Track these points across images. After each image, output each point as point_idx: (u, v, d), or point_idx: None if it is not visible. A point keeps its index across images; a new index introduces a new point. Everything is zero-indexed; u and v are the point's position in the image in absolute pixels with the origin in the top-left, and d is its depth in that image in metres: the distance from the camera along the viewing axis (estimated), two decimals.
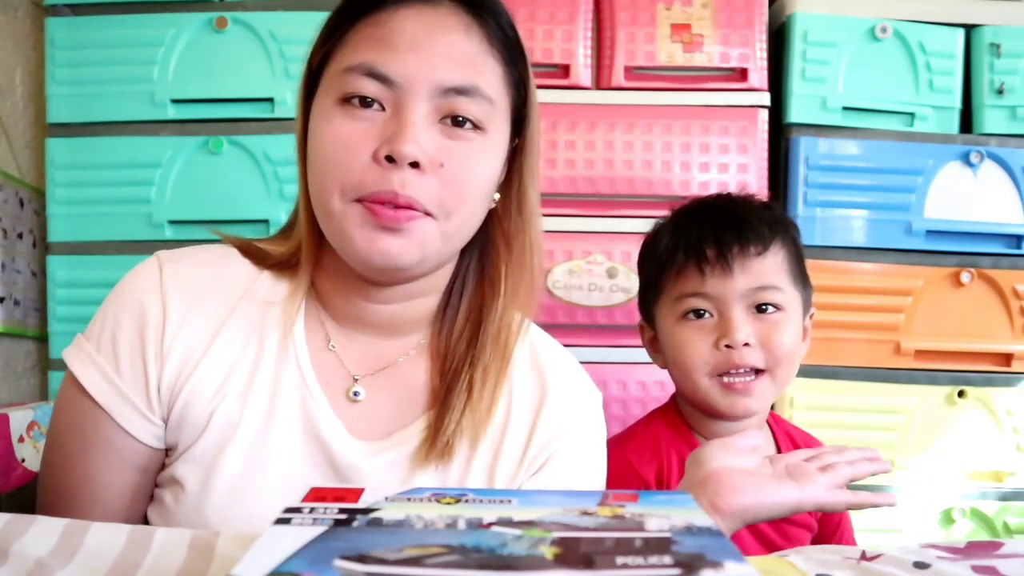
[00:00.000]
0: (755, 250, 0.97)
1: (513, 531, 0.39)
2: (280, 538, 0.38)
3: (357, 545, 0.37)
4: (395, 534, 0.39)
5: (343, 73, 0.68)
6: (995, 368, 1.60)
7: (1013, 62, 1.60)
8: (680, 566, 0.34)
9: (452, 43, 0.68)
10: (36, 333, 1.62)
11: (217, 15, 1.52)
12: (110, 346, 0.73)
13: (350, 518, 0.41)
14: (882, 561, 0.49)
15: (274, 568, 0.34)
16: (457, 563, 0.34)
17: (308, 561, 0.35)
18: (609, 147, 1.54)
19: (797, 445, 1.09)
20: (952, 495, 1.58)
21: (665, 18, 1.57)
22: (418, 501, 0.44)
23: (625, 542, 0.37)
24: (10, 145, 1.58)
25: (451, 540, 0.37)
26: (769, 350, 0.97)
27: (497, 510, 0.42)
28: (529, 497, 0.45)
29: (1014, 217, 1.60)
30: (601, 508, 0.43)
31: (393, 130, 0.66)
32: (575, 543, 0.37)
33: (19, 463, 1.32)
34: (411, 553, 0.36)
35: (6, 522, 0.48)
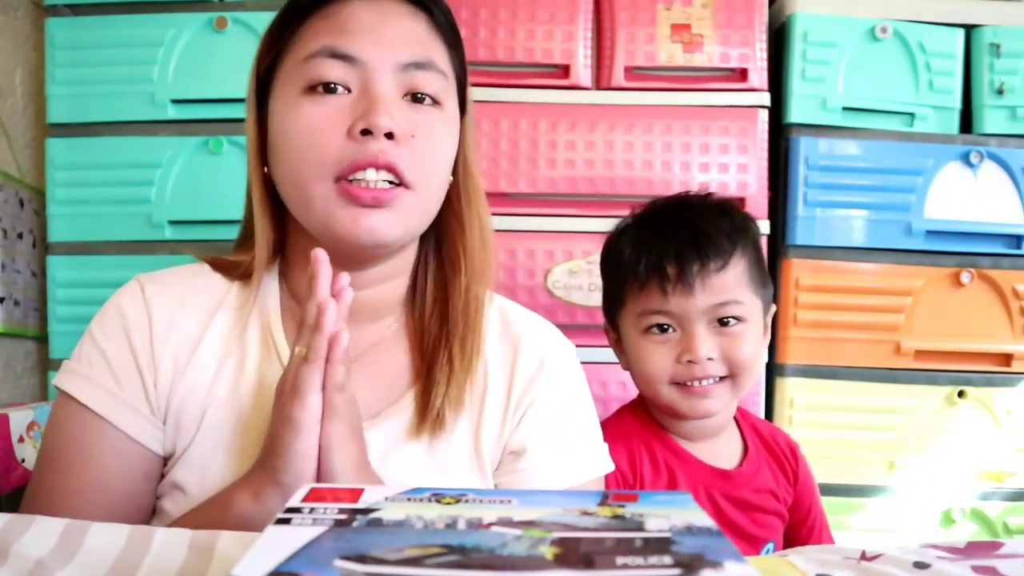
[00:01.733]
0: (715, 266, 0.98)
1: (513, 531, 0.38)
2: (280, 538, 0.38)
3: (357, 545, 0.37)
4: (395, 534, 0.39)
5: (304, 61, 0.70)
6: (995, 368, 1.60)
7: (1013, 62, 1.60)
8: (680, 566, 0.34)
9: (403, 26, 0.72)
10: (36, 333, 1.62)
11: (217, 15, 1.52)
12: (102, 362, 0.74)
13: (350, 518, 0.41)
14: (882, 561, 0.49)
15: (274, 568, 0.33)
16: (457, 563, 0.34)
17: (308, 561, 0.35)
18: (609, 147, 1.54)
19: (763, 438, 1.10)
20: (952, 495, 1.58)
21: (665, 18, 1.57)
22: (418, 501, 0.44)
23: (625, 542, 0.37)
24: (10, 145, 1.58)
25: (451, 540, 0.37)
26: (731, 361, 0.99)
27: (497, 510, 0.42)
28: (529, 497, 0.44)
29: (1014, 217, 1.60)
30: (601, 508, 0.43)
31: (364, 106, 0.69)
32: (575, 543, 0.37)
33: (19, 463, 1.32)
34: (411, 553, 0.36)
35: (6, 522, 0.48)
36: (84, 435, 0.72)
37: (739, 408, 1.12)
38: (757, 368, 1.04)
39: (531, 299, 1.51)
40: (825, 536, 1.10)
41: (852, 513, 1.55)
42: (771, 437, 1.12)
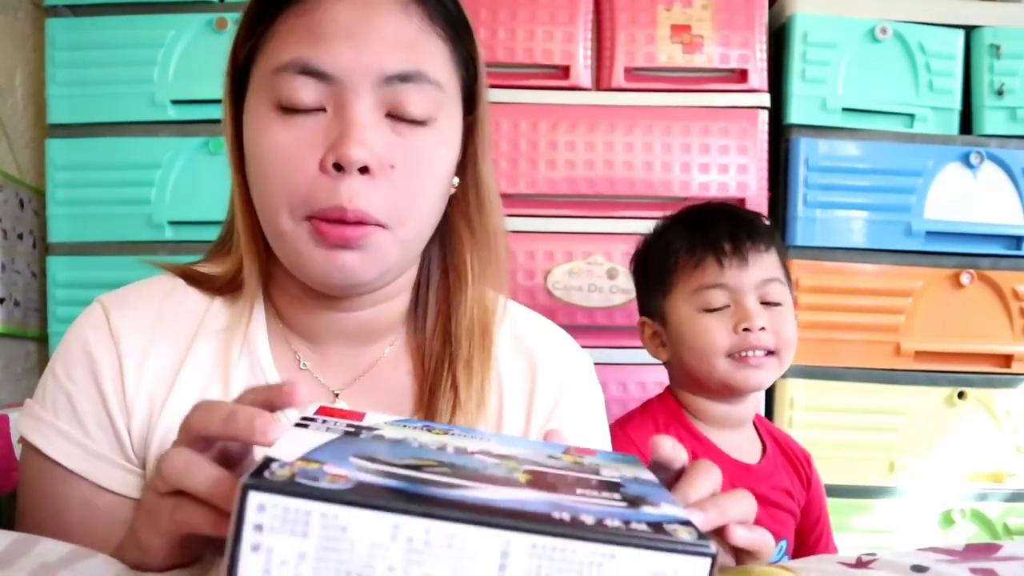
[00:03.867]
0: (763, 245, 1.08)
1: (493, 460, 0.44)
2: (301, 436, 0.42)
3: (367, 451, 0.41)
4: (397, 447, 0.44)
5: (274, 74, 0.62)
6: (995, 369, 1.60)
7: (1013, 63, 1.60)
8: (626, 501, 0.40)
9: (390, 26, 0.62)
10: (36, 334, 1.62)
11: (217, 16, 1.52)
12: (68, 407, 0.67)
13: (357, 431, 0.45)
14: (878, 565, 0.49)
15: (303, 455, 0.38)
16: (450, 474, 0.40)
17: (329, 455, 0.39)
18: (609, 148, 1.54)
19: (779, 443, 1.13)
20: (952, 496, 1.58)
21: (665, 19, 1.57)
22: (413, 428, 0.49)
23: (583, 480, 0.43)
24: (10, 146, 1.58)
25: (443, 459, 0.43)
26: (779, 335, 1.07)
27: (479, 444, 0.48)
28: (504, 440, 0.51)
29: (1014, 218, 1.60)
30: (565, 455, 0.49)
31: (337, 133, 0.60)
32: (543, 475, 0.43)
33: (19, 464, 1.32)
34: (412, 462, 0.41)
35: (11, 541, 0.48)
36: (56, 492, 0.66)
37: (756, 415, 1.17)
38: (793, 351, 1.11)
39: (531, 300, 1.51)
40: (831, 548, 1.13)
41: (852, 514, 1.55)
42: (786, 443, 1.16)
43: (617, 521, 0.36)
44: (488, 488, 0.38)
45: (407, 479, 0.37)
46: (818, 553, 1.10)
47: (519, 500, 0.37)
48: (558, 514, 0.36)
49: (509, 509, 0.36)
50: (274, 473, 0.35)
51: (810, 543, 1.12)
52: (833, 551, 1.13)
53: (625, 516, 0.37)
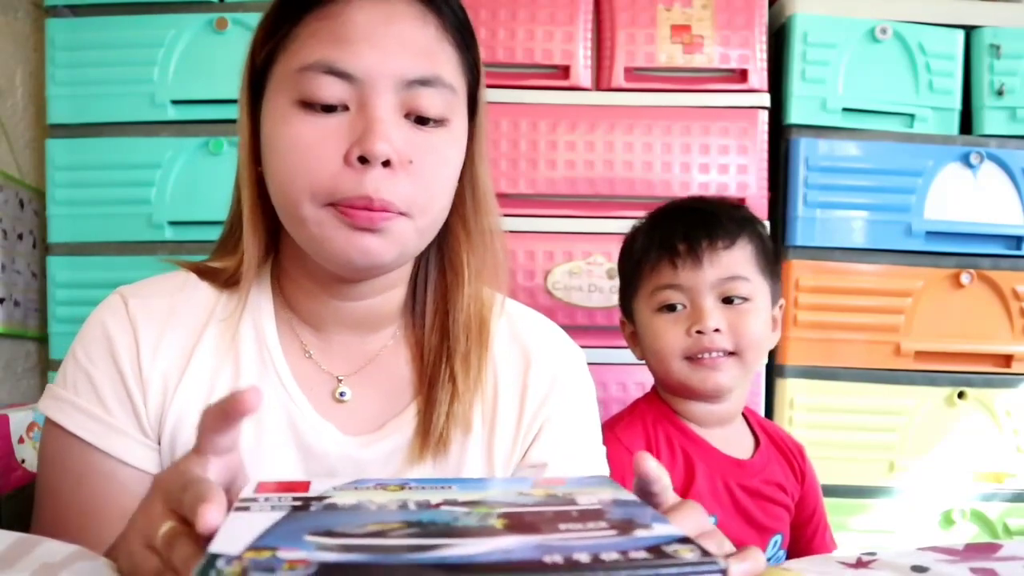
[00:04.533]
0: (723, 244, 1.04)
1: (461, 509, 0.41)
2: (245, 522, 0.38)
3: (321, 524, 0.38)
4: (353, 515, 0.40)
5: (299, 73, 0.65)
6: (995, 369, 1.60)
7: (1013, 63, 1.60)
8: (615, 528, 0.38)
9: (409, 33, 0.66)
10: (36, 334, 1.62)
11: (217, 16, 1.52)
12: (88, 386, 0.71)
13: (305, 504, 0.42)
14: (878, 565, 0.49)
15: (251, 542, 0.35)
16: (419, 534, 0.36)
17: (280, 538, 0.36)
18: (609, 148, 1.54)
19: (772, 436, 1.13)
20: (952, 496, 1.58)
21: (665, 19, 1.57)
22: (366, 489, 0.45)
23: (563, 513, 0.40)
24: (10, 146, 1.58)
25: (408, 518, 0.39)
26: (738, 335, 1.03)
27: (441, 494, 0.44)
28: (468, 484, 0.47)
29: (1014, 218, 1.60)
30: (535, 490, 0.45)
31: (362, 129, 0.64)
32: (519, 516, 0.40)
33: (19, 464, 1.32)
34: (375, 528, 0.37)
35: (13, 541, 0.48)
36: (76, 465, 0.70)
37: (747, 409, 1.16)
38: (763, 349, 1.07)
39: (531, 300, 1.51)
40: (828, 540, 1.12)
41: (852, 514, 1.55)
42: (779, 437, 1.15)
43: (614, 553, 0.34)
44: (465, 542, 0.35)
45: (374, 549, 0.34)
46: (815, 546, 1.10)
47: (503, 550, 0.34)
48: (549, 558, 0.33)
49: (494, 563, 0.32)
50: (221, 574, 0.31)
51: (807, 536, 1.11)
52: (831, 544, 1.13)
53: (620, 546, 0.35)
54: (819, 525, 1.12)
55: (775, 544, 1.05)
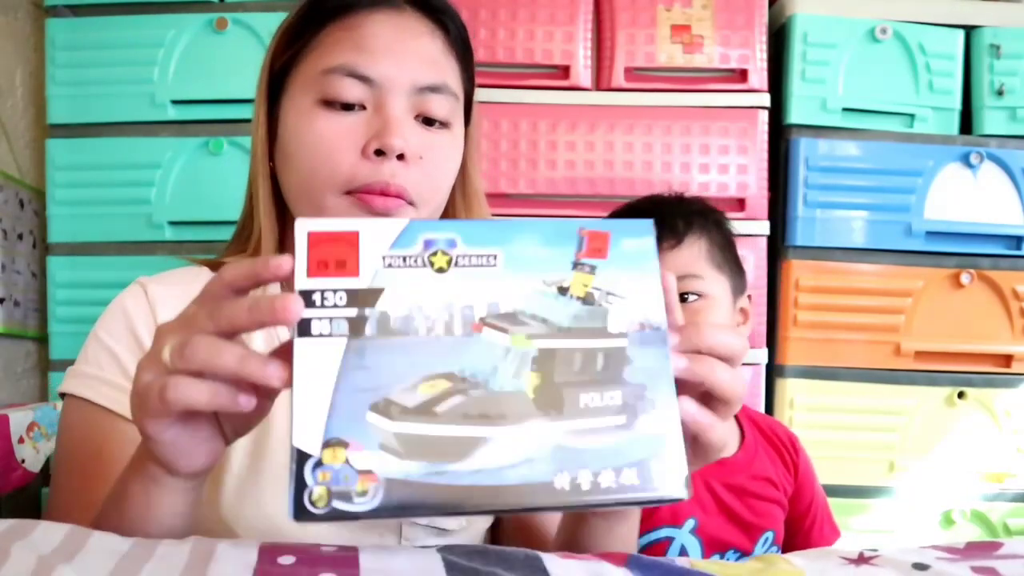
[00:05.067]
0: (668, 244, 1.02)
1: (501, 341, 0.45)
2: (311, 369, 0.43)
3: (376, 379, 0.43)
4: (405, 352, 0.44)
5: (322, 75, 0.71)
6: (995, 369, 1.60)
7: (1013, 63, 1.60)
8: (624, 411, 0.45)
9: (421, 45, 0.74)
10: (36, 334, 1.62)
11: (217, 16, 1.52)
12: (111, 360, 0.73)
13: (359, 317, 0.44)
14: (880, 562, 0.49)
15: (326, 437, 0.42)
16: (461, 412, 0.43)
17: (346, 422, 0.42)
18: (609, 148, 1.54)
19: (762, 430, 1.11)
20: (952, 496, 1.58)
21: (665, 19, 1.57)
22: (415, 267, 0.46)
23: (589, 359, 0.45)
24: (10, 146, 1.58)
25: (451, 363, 0.44)
26: None
27: (486, 287, 0.46)
28: (513, 249, 0.47)
29: (1014, 218, 1.60)
30: (576, 276, 0.47)
31: (379, 126, 0.70)
32: (550, 364, 0.45)
33: (19, 464, 1.32)
34: (424, 394, 0.43)
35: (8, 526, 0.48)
36: (99, 434, 0.71)
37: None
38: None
39: None
40: (827, 530, 1.10)
41: (852, 514, 1.55)
42: (770, 429, 1.12)
43: (610, 475, 0.43)
44: (498, 438, 0.43)
45: (427, 452, 0.42)
46: (813, 537, 1.09)
47: (527, 459, 0.43)
48: (559, 481, 0.43)
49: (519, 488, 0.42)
50: (313, 500, 0.41)
51: (805, 529, 1.09)
52: (831, 535, 1.11)
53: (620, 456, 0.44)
54: (817, 516, 1.10)
55: (766, 541, 1.04)
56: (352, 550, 0.46)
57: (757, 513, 1.03)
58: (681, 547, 0.97)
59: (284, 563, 0.44)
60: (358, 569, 0.44)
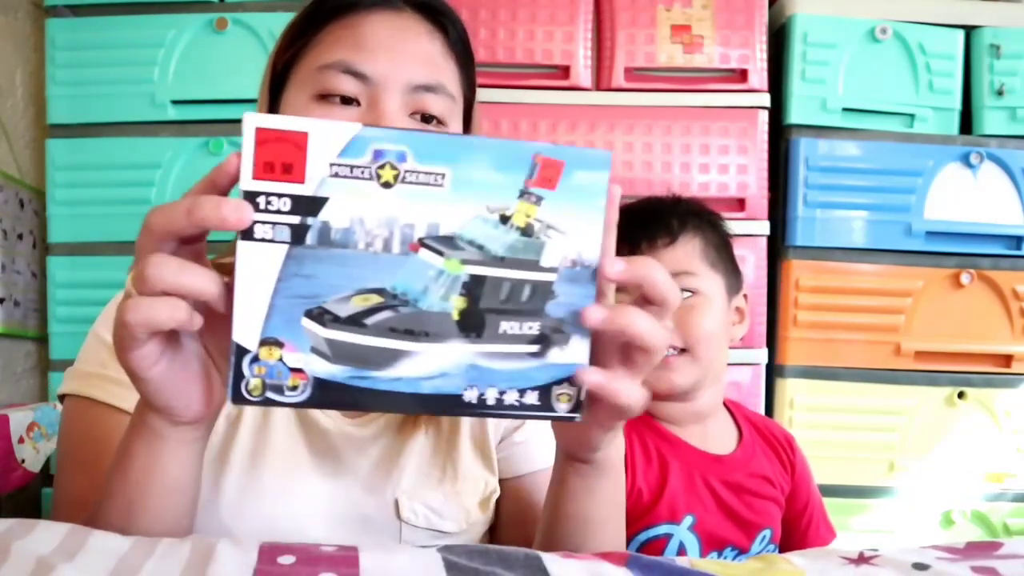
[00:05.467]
0: (663, 242, 1.03)
1: (435, 263, 0.46)
2: (252, 272, 0.44)
3: (312, 287, 0.45)
4: (342, 263, 0.45)
5: (319, 71, 0.71)
6: (995, 369, 1.60)
7: (1013, 63, 1.60)
8: (540, 341, 0.47)
9: (419, 45, 0.73)
10: (36, 334, 1.62)
11: (217, 16, 1.52)
12: (109, 354, 0.71)
13: (302, 224, 0.44)
14: (880, 561, 0.49)
15: (263, 336, 0.45)
16: (389, 326, 0.45)
17: (283, 322, 0.45)
18: (609, 148, 1.54)
19: (759, 428, 1.11)
20: (952, 497, 1.58)
21: (665, 19, 1.57)
22: (361, 179, 0.45)
23: (517, 290, 0.47)
24: (10, 146, 1.58)
25: (385, 279, 0.45)
26: (686, 331, 1.00)
27: (429, 208, 0.45)
28: (462, 170, 0.46)
29: (1014, 218, 1.60)
30: (520, 205, 0.47)
31: (371, 121, 0.70)
32: (479, 290, 0.46)
33: (19, 464, 1.32)
34: (356, 306, 0.45)
35: (8, 526, 0.48)
36: (103, 431, 0.70)
37: (732, 401, 1.14)
38: (718, 343, 1.04)
39: None
40: (823, 529, 1.11)
41: (852, 514, 1.55)
42: (766, 428, 1.13)
43: (514, 394, 0.47)
44: (418, 354, 0.46)
45: (353, 359, 0.45)
46: (810, 537, 1.09)
47: (441, 373, 0.46)
48: (468, 395, 0.47)
49: (432, 395, 0.46)
50: (249, 389, 0.45)
51: (801, 528, 1.10)
52: (827, 535, 1.12)
53: (524, 379, 0.47)
54: (813, 516, 1.11)
55: (763, 539, 1.05)
56: (352, 550, 0.46)
57: (755, 511, 1.03)
58: (680, 544, 0.98)
59: (284, 563, 0.44)
60: (358, 569, 0.44)
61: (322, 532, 0.70)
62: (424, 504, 0.73)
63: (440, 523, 0.74)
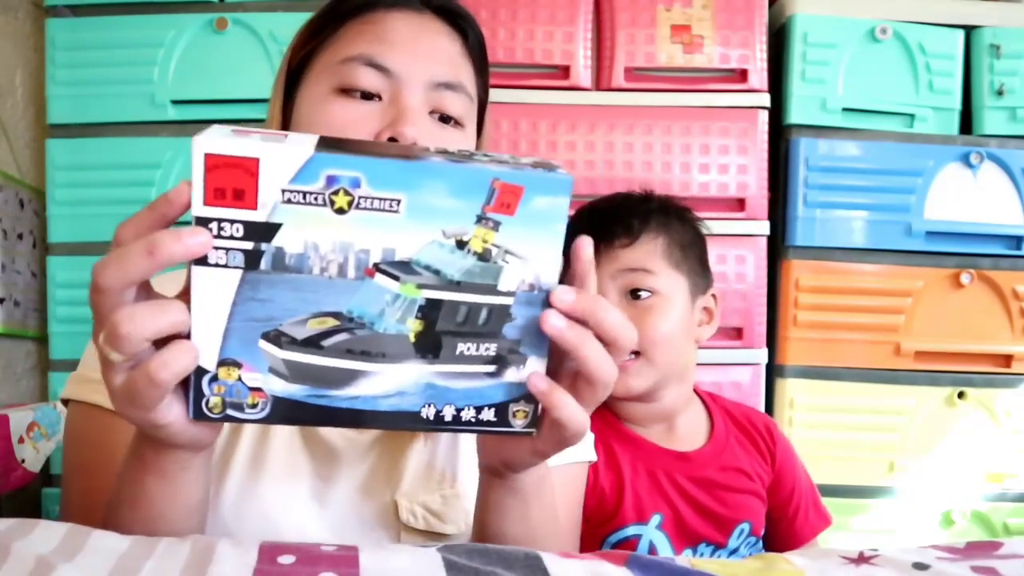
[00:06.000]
0: (621, 242, 1.01)
1: (391, 287, 0.46)
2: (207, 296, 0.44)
3: (268, 311, 0.45)
4: (297, 287, 0.45)
5: (340, 64, 0.71)
6: (995, 369, 1.60)
7: (1013, 63, 1.60)
8: (496, 361, 0.48)
9: (440, 44, 0.74)
10: (36, 334, 1.62)
11: (217, 16, 1.52)
12: None
13: (256, 250, 0.44)
14: (880, 561, 0.49)
15: (221, 357, 0.45)
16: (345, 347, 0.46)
17: (240, 344, 0.45)
18: (609, 148, 1.54)
19: (736, 419, 1.09)
20: (952, 497, 1.58)
21: (665, 19, 1.57)
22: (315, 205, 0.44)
23: (474, 314, 0.47)
24: (10, 146, 1.58)
25: (341, 303, 0.45)
26: (642, 333, 0.93)
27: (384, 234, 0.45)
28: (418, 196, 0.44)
29: (1014, 218, 1.60)
30: (477, 231, 0.46)
31: (394, 115, 0.70)
32: (435, 313, 0.47)
33: (19, 464, 1.32)
34: (312, 328, 0.45)
35: (8, 526, 0.48)
36: (111, 438, 0.69)
37: (711, 394, 1.12)
38: (676, 345, 1.01)
39: None
40: (813, 516, 1.08)
41: (852, 514, 1.55)
42: (744, 418, 1.10)
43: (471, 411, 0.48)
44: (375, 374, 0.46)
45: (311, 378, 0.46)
46: (798, 525, 1.07)
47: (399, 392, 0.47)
48: (424, 411, 0.48)
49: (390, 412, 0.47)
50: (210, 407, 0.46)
51: (788, 516, 1.07)
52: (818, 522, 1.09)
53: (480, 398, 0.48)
54: (801, 503, 1.08)
55: (741, 533, 1.03)
56: (352, 549, 0.46)
57: (728, 505, 1.02)
58: (650, 543, 0.97)
59: (284, 562, 0.44)
60: (358, 569, 0.44)
61: (321, 534, 0.70)
62: (423, 506, 0.73)
63: (439, 525, 0.74)
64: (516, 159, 0.48)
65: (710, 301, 1.07)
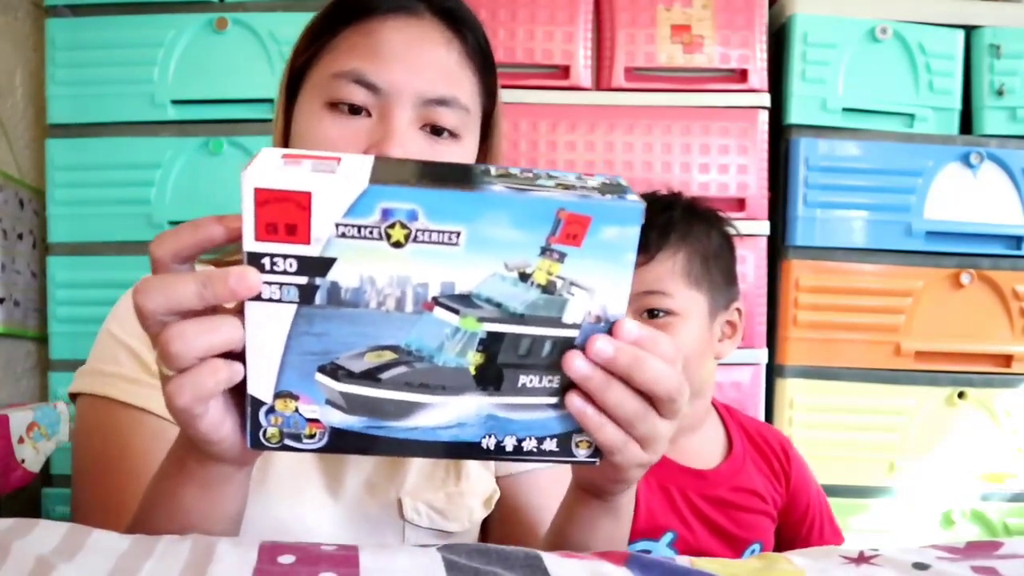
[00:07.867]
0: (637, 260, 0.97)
1: (451, 321, 0.44)
2: (262, 331, 0.44)
3: (324, 344, 0.44)
4: (354, 322, 0.44)
5: (332, 78, 0.71)
6: (995, 369, 1.60)
7: (1013, 63, 1.60)
8: (559, 393, 0.47)
9: (435, 56, 0.72)
10: (36, 334, 1.62)
11: (217, 16, 1.52)
12: (129, 356, 0.72)
13: (310, 285, 0.43)
14: (880, 561, 0.49)
15: (277, 390, 0.45)
16: (404, 380, 0.45)
17: (296, 377, 0.45)
18: (609, 148, 1.54)
19: (752, 438, 1.08)
20: (952, 497, 1.58)
21: (665, 19, 1.57)
22: (370, 239, 0.42)
23: (537, 346, 0.46)
24: (10, 146, 1.58)
25: (399, 336, 0.45)
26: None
27: (443, 267, 0.43)
28: (478, 228, 0.43)
29: (1014, 218, 1.60)
30: (541, 263, 0.44)
31: (380, 135, 0.69)
32: (497, 346, 0.45)
33: (19, 464, 1.32)
34: (370, 361, 0.45)
35: (8, 526, 0.48)
36: (123, 431, 0.70)
37: (727, 407, 1.11)
38: (692, 365, 0.97)
39: None
40: (828, 532, 1.07)
41: (852, 514, 1.55)
42: (760, 436, 1.09)
43: (532, 441, 0.48)
44: (435, 406, 0.46)
45: (369, 410, 0.46)
46: (812, 543, 1.06)
47: (459, 423, 0.46)
48: (486, 442, 0.47)
49: (449, 443, 0.47)
50: (267, 437, 0.46)
51: (803, 535, 1.06)
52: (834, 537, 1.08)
53: (543, 429, 0.47)
54: (815, 521, 1.07)
55: (752, 553, 1.01)
56: (352, 549, 0.46)
57: (742, 525, 1.00)
58: None
59: (284, 562, 0.44)
60: (358, 568, 0.44)
61: (327, 532, 0.70)
62: (427, 504, 0.73)
63: (443, 523, 0.74)
64: (583, 180, 0.45)
65: (734, 315, 1.04)
